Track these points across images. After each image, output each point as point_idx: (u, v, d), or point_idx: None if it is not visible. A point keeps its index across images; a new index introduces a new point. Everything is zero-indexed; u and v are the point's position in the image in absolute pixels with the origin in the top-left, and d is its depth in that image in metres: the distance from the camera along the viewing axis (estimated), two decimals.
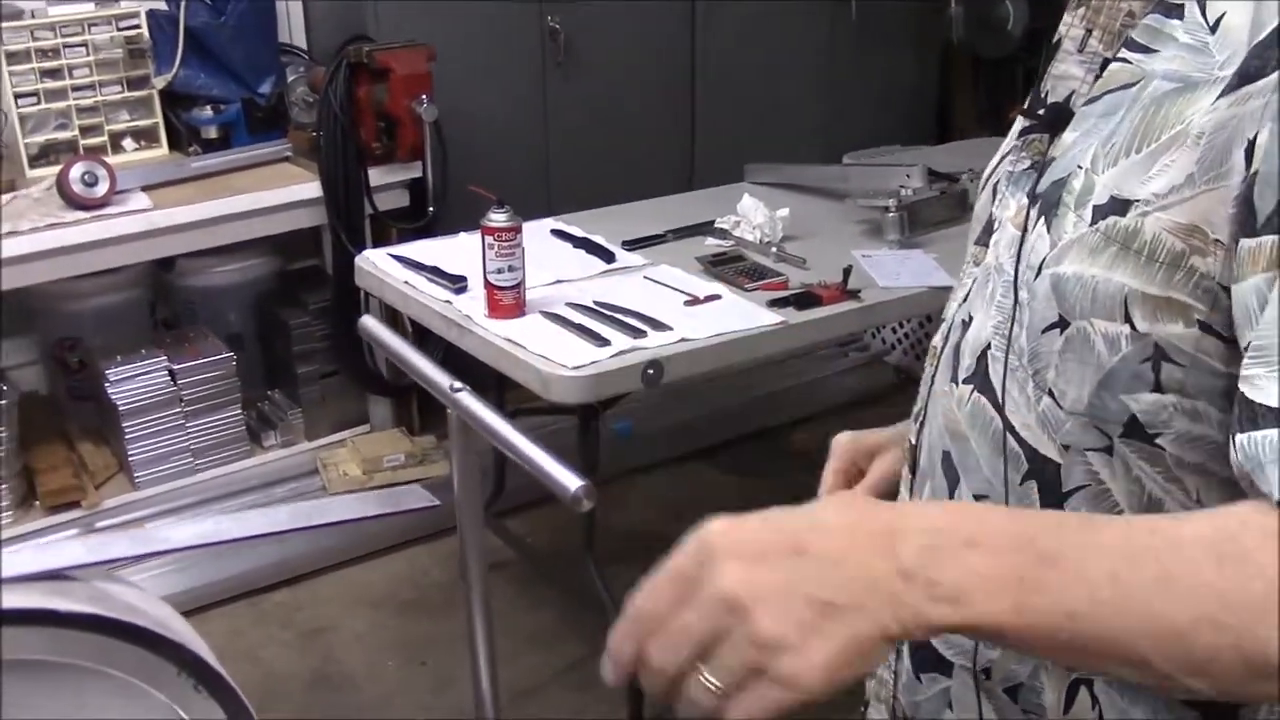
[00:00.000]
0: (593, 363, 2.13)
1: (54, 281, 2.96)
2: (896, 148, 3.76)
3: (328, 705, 2.64)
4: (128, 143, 3.20)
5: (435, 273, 2.48)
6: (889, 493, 0.99)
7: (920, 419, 0.97)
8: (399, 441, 3.33)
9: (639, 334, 2.22)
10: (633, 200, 3.01)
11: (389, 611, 2.94)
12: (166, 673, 0.77)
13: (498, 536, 2.99)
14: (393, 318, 2.85)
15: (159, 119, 3.21)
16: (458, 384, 0.90)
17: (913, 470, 0.99)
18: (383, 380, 3.37)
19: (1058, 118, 0.86)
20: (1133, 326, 0.76)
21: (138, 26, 3.10)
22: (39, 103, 3.06)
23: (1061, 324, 0.80)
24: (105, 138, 3.15)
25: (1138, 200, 0.76)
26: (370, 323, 1.07)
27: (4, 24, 2.95)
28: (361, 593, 3.01)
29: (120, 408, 3.01)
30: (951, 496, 0.90)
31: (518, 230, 2.23)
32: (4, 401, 2.89)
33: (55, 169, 2.88)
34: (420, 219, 3.20)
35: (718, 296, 2.39)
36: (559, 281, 2.46)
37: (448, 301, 2.37)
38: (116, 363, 3.02)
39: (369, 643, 2.83)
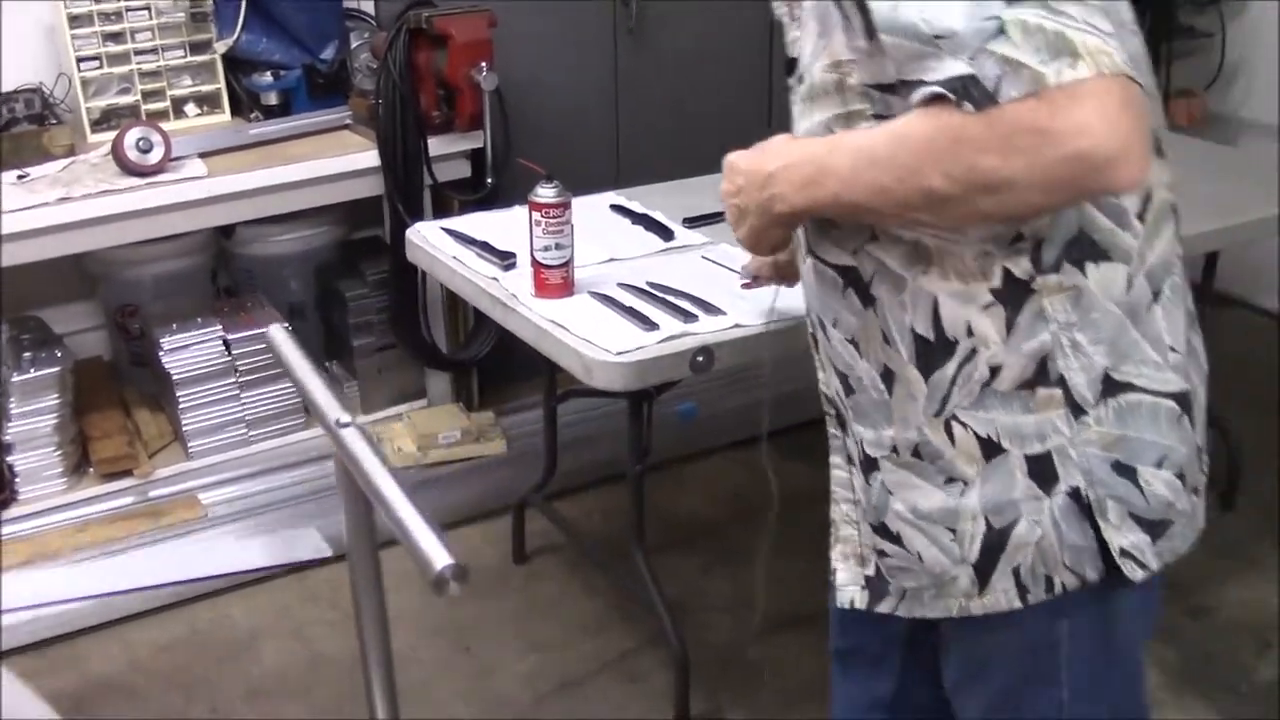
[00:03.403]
0: (638, 348, 2.02)
1: (116, 248, 2.94)
2: None
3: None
4: (190, 108, 3.16)
5: (485, 248, 2.39)
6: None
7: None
8: (455, 417, 3.26)
9: (690, 318, 2.11)
10: (705, 174, 2.88)
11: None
12: None
13: (549, 520, 2.90)
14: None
15: (221, 84, 3.17)
16: (345, 418, 0.80)
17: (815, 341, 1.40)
18: (441, 354, 3.30)
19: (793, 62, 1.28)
20: None
21: None
22: (101, 67, 3.03)
23: None
24: (168, 103, 3.12)
25: (806, 67, 1.20)
26: (276, 333, 0.98)
27: None
28: (410, 572, 2.93)
29: (174, 377, 2.99)
30: (826, 331, 1.33)
31: (566, 206, 2.13)
32: (58, 368, 2.87)
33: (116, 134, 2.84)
34: (482, 190, 3.11)
35: None
36: (613, 260, 2.36)
37: (494, 279, 2.28)
38: (171, 331, 2.99)
39: (414, 624, 2.77)
